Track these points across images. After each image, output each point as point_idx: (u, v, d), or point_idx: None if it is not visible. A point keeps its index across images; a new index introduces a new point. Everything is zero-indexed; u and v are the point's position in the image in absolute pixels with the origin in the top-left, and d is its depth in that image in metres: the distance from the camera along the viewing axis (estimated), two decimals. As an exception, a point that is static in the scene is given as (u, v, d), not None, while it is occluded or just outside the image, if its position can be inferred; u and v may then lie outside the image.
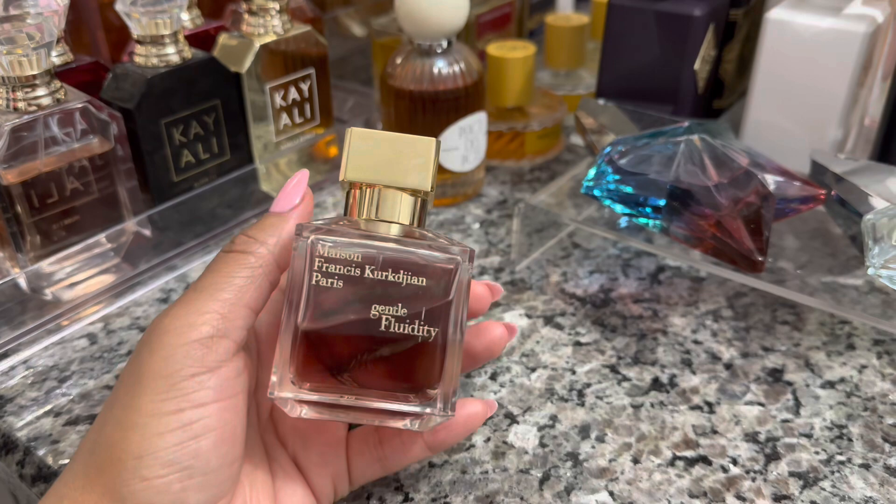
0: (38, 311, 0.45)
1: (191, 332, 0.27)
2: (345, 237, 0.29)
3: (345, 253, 0.29)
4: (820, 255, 0.48)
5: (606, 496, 0.34)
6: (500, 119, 0.61)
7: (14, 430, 0.39)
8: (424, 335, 0.29)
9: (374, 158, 0.31)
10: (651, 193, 0.44)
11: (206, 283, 0.29)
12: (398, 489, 0.35)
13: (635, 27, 0.54)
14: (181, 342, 0.27)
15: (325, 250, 0.29)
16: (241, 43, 0.53)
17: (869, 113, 0.53)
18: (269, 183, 0.57)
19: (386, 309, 0.29)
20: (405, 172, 0.31)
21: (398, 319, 0.29)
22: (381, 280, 0.29)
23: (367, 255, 0.29)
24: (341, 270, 0.29)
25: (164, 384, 0.26)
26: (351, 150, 0.31)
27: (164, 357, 0.27)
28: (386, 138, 0.31)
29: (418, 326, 0.29)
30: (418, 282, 0.29)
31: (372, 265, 0.29)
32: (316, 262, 0.29)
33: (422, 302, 0.29)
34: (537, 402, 0.40)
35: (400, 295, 0.29)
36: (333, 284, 0.29)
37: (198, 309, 0.28)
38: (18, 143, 0.42)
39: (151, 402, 0.26)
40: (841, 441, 0.37)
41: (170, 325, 0.27)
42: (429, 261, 0.29)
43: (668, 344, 0.43)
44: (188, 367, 0.27)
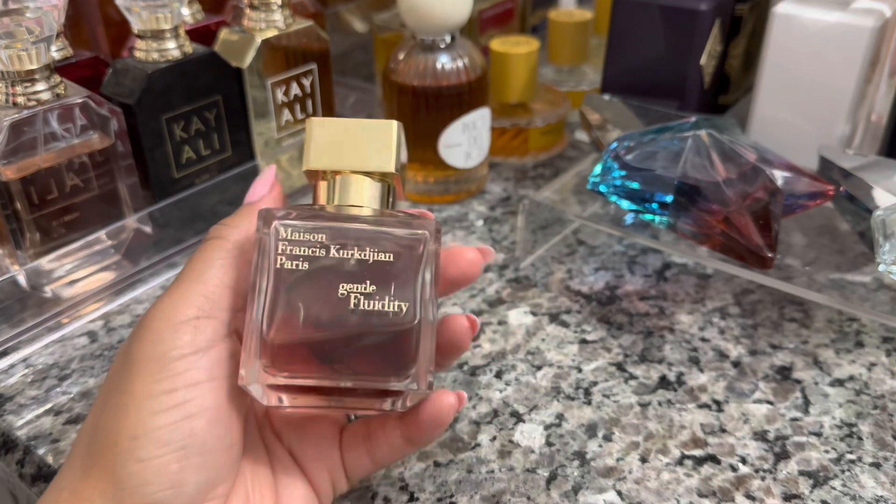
0: (38, 309, 0.44)
1: (177, 315, 0.27)
2: (307, 220, 0.29)
3: (308, 234, 0.29)
4: (828, 252, 0.48)
5: (614, 496, 0.34)
6: (504, 115, 0.61)
7: (14, 429, 0.38)
8: (395, 310, 0.28)
9: (336, 145, 0.31)
10: (658, 189, 0.43)
11: (187, 271, 0.29)
12: (403, 489, 0.35)
13: (641, 22, 0.54)
14: (169, 325, 0.27)
15: (287, 233, 0.29)
16: (242, 38, 0.52)
17: (876, 108, 0.52)
18: (270, 179, 0.56)
19: (354, 287, 0.28)
20: (367, 156, 0.31)
21: (367, 297, 0.28)
22: (346, 258, 0.29)
23: (331, 234, 0.29)
24: (305, 252, 0.29)
25: (155, 366, 0.27)
26: (313, 138, 0.31)
27: (153, 340, 0.27)
28: (346, 124, 0.31)
29: (388, 302, 0.28)
30: (386, 257, 0.29)
31: (336, 244, 0.29)
32: (279, 245, 0.29)
33: (391, 278, 0.29)
34: (543, 401, 0.39)
35: (368, 272, 0.29)
36: (298, 266, 0.28)
37: (182, 294, 0.28)
38: (18, 139, 0.42)
39: (143, 385, 0.26)
40: (851, 439, 0.37)
41: (157, 313, 0.28)
42: (395, 236, 0.29)
43: (675, 341, 0.43)
44: (178, 349, 0.27)
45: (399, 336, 0.28)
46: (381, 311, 0.28)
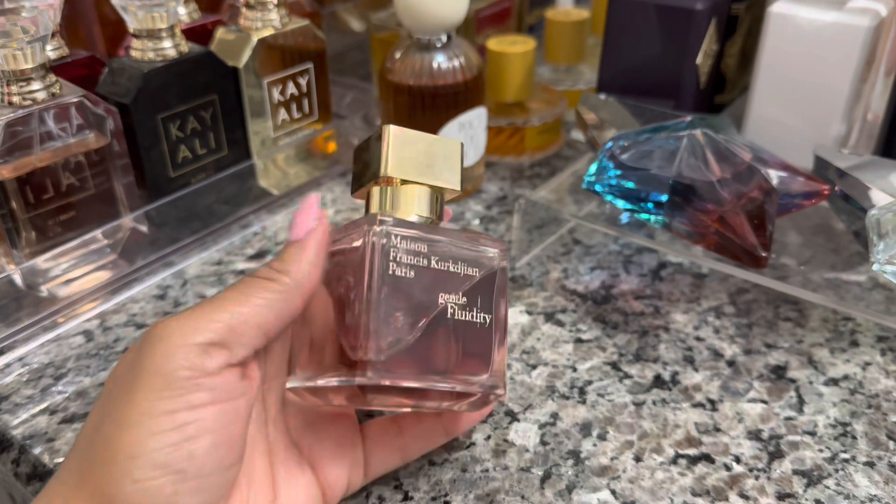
0: (34, 308, 0.45)
1: (194, 335, 0.27)
2: (413, 229, 0.31)
3: (414, 244, 0.30)
4: (823, 251, 0.48)
5: (608, 495, 0.34)
6: (500, 114, 0.61)
7: (9, 429, 0.38)
8: (481, 321, 0.31)
9: (410, 157, 0.33)
10: (653, 189, 0.43)
11: (222, 295, 0.29)
12: (397, 488, 0.35)
13: (637, 21, 0.54)
14: (182, 342, 0.27)
15: (397, 241, 0.30)
16: (238, 37, 0.52)
17: (872, 108, 0.52)
18: (266, 179, 0.56)
19: (450, 297, 0.31)
20: (439, 172, 0.33)
21: (460, 307, 0.31)
22: (443, 270, 0.31)
23: (431, 246, 0.31)
24: (412, 261, 0.30)
25: (160, 382, 0.26)
26: (391, 146, 0.32)
27: (164, 354, 0.26)
28: (420, 138, 0.33)
29: (476, 313, 0.31)
30: (472, 272, 0.31)
31: (436, 256, 0.31)
32: (392, 252, 0.30)
33: (476, 291, 0.31)
34: (538, 400, 0.39)
35: (459, 284, 0.31)
36: (406, 274, 0.30)
37: (206, 315, 0.28)
38: (13, 138, 0.42)
39: (147, 400, 0.26)
40: (845, 439, 0.37)
41: (175, 325, 0.27)
42: (479, 253, 0.32)
43: (669, 341, 0.43)
44: (187, 369, 0.26)
45: (485, 344, 0.31)
46: (471, 322, 0.31)
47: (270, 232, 0.54)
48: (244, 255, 0.51)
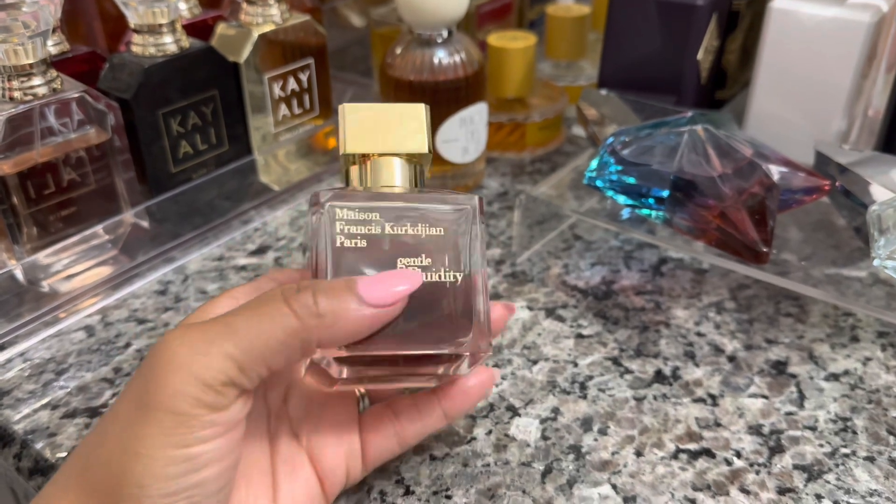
0: (35, 304, 0.45)
1: (206, 372, 0.26)
2: (360, 200, 0.30)
3: (363, 214, 0.30)
4: (824, 247, 0.48)
5: (609, 489, 0.34)
6: (501, 110, 0.61)
7: (11, 423, 0.38)
8: (451, 280, 0.30)
9: (369, 129, 0.32)
10: (654, 184, 0.43)
11: (241, 323, 0.26)
12: (399, 482, 0.35)
13: (638, 17, 0.54)
14: (194, 384, 0.25)
15: (343, 213, 0.30)
16: (239, 32, 0.52)
17: (873, 104, 0.52)
18: (267, 174, 0.56)
19: (411, 261, 0.30)
20: (401, 138, 0.32)
21: (424, 269, 0.30)
22: (401, 234, 0.30)
23: (384, 212, 0.30)
24: (362, 230, 0.30)
25: (171, 421, 0.25)
26: (347, 124, 0.32)
27: (173, 394, 0.25)
28: (378, 109, 0.32)
29: (444, 273, 0.30)
30: (437, 231, 0.30)
31: (390, 221, 0.30)
32: (337, 225, 0.30)
33: (444, 250, 0.30)
34: (539, 395, 0.39)
35: (422, 246, 0.30)
36: (357, 244, 0.30)
37: (218, 350, 0.26)
38: (14, 133, 0.42)
39: (157, 436, 0.25)
40: (845, 434, 0.37)
41: (184, 358, 0.26)
42: (443, 210, 0.31)
43: (670, 336, 0.43)
44: (197, 409, 0.26)
45: (457, 303, 0.30)
46: (439, 282, 0.30)
47: (272, 227, 0.54)
48: (245, 250, 0.51)
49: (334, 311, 0.27)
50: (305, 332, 0.26)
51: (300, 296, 0.27)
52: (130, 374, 0.41)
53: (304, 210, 0.56)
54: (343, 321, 0.27)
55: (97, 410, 0.39)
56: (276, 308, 0.26)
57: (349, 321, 0.27)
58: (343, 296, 0.27)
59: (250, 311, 0.27)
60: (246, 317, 0.27)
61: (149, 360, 0.27)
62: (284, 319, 0.26)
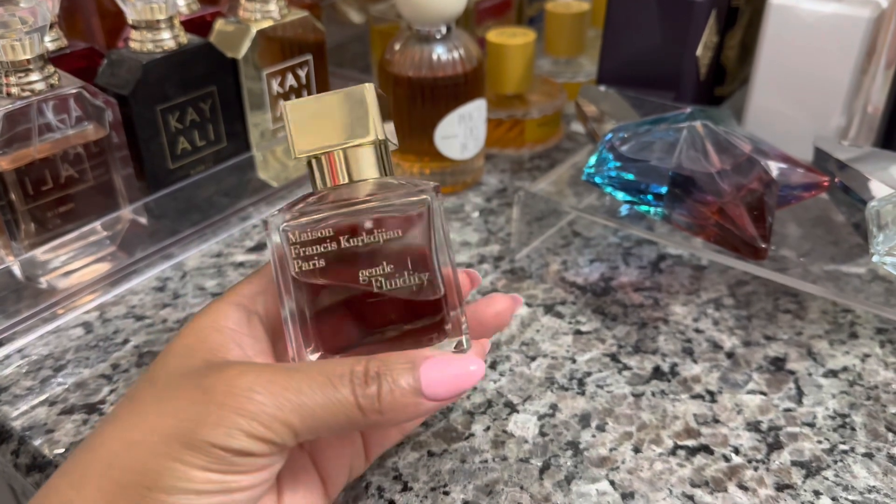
0: (33, 300, 0.45)
1: (263, 432, 0.26)
2: (310, 215, 0.29)
3: (316, 232, 0.29)
4: (823, 243, 0.48)
5: (607, 485, 0.34)
6: (500, 106, 0.61)
7: (9, 420, 0.38)
8: (417, 282, 0.29)
9: (316, 125, 0.30)
10: (653, 180, 0.43)
11: (309, 396, 0.26)
12: (397, 478, 0.35)
13: (637, 13, 0.54)
14: (249, 431, 0.25)
15: (296, 236, 0.29)
16: (237, 28, 0.52)
17: (872, 100, 0.52)
18: (266, 171, 0.56)
19: (372, 271, 0.29)
20: (350, 128, 0.30)
21: (387, 277, 0.29)
22: (359, 245, 0.29)
23: (338, 226, 0.29)
24: (318, 249, 0.29)
25: (217, 455, 0.25)
26: (292, 124, 0.30)
27: (227, 434, 0.25)
28: (320, 101, 0.30)
29: (408, 277, 0.29)
30: (394, 234, 0.29)
31: (345, 234, 0.29)
32: (292, 250, 0.29)
33: (405, 252, 0.29)
34: (537, 391, 0.39)
35: (382, 253, 0.29)
36: (315, 265, 0.29)
37: (283, 416, 0.26)
38: (12, 129, 0.41)
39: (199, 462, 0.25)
40: (844, 430, 0.37)
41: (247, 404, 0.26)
42: (399, 212, 0.29)
43: (669, 332, 0.43)
44: (244, 455, 0.26)
45: (430, 305, 0.29)
46: (404, 287, 0.29)
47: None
48: (243, 247, 0.51)
49: (396, 408, 0.27)
50: (365, 422, 0.27)
51: (368, 390, 0.27)
52: (129, 371, 0.41)
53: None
54: (402, 416, 0.27)
55: (95, 407, 0.39)
56: (345, 398, 0.27)
57: (407, 415, 0.27)
58: (408, 397, 0.27)
59: (320, 387, 0.27)
60: (315, 391, 0.26)
61: (210, 378, 0.27)
62: (350, 410, 0.27)
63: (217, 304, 0.30)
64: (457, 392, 0.27)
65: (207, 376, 0.27)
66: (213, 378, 0.27)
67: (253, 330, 0.30)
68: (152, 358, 0.42)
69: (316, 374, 0.27)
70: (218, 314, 0.30)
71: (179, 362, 0.28)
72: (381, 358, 0.27)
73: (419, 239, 0.29)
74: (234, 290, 0.31)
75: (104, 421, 0.28)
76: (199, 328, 0.30)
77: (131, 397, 0.28)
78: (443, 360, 0.27)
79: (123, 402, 0.28)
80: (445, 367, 0.27)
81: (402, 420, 0.28)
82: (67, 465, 0.27)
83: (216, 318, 0.30)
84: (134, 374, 0.41)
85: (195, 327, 0.30)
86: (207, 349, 0.29)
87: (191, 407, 0.26)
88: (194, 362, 0.28)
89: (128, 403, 0.28)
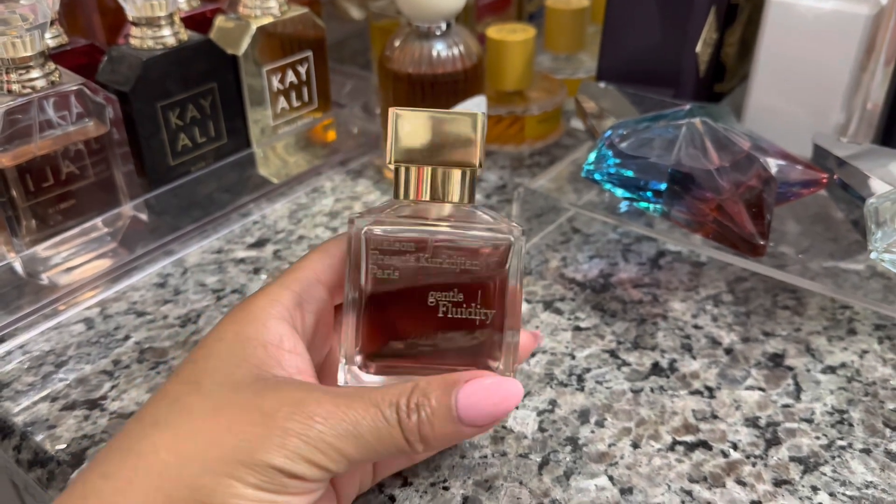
0: (35, 296, 0.45)
1: (317, 458, 0.26)
2: (397, 225, 0.29)
3: (398, 244, 0.29)
4: (821, 240, 0.48)
5: (606, 481, 0.34)
6: (500, 103, 0.61)
7: (11, 415, 0.38)
8: (481, 317, 0.30)
9: (418, 138, 0.31)
10: (652, 177, 0.43)
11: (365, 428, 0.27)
12: (397, 474, 0.35)
13: (636, 9, 0.54)
14: (305, 454, 0.26)
15: (379, 242, 0.29)
16: (237, 25, 0.52)
17: (871, 97, 0.52)
18: (266, 167, 0.56)
19: (443, 296, 0.29)
20: (451, 150, 0.31)
21: (455, 304, 0.29)
22: (435, 266, 0.29)
23: (421, 242, 0.29)
24: (396, 262, 0.29)
25: (269, 476, 0.26)
26: (397, 131, 0.31)
27: (285, 456, 0.26)
28: (430, 116, 0.31)
29: (475, 310, 0.30)
30: (472, 265, 0.30)
31: (425, 252, 0.29)
32: (371, 255, 0.29)
33: (478, 285, 0.30)
34: (536, 387, 0.39)
35: (455, 279, 0.29)
36: (390, 276, 0.29)
37: (338, 446, 0.26)
38: (13, 126, 0.42)
39: (251, 481, 0.26)
40: (842, 426, 0.37)
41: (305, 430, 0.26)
42: (481, 243, 0.30)
43: (668, 329, 0.43)
44: (294, 478, 0.26)
45: (487, 342, 0.30)
46: (468, 319, 0.30)
47: (270, 220, 0.54)
48: (244, 243, 0.51)
49: (437, 437, 0.28)
50: (412, 450, 0.28)
51: (410, 423, 0.27)
52: (130, 367, 0.41)
53: (303, 203, 0.56)
54: (445, 443, 0.28)
55: (96, 402, 0.39)
56: (394, 429, 0.27)
57: (450, 441, 0.28)
58: (447, 424, 0.27)
59: (373, 417, 0.27)
60: (368, 421, 0.27)
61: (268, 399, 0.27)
62: (398, 441, 0.27)
63: (257, 314, 0.30)
64: (494, 417, 0.28)
65: (265, 396, 0.27)
66: (272, 399, 0.27)
67: (296, 345, 0.30)
68: (153, 354, 0.42)
69: (369, 406, 0.27)
70: (259, 326, 0.29)
71: (227, 370, 0.28)
72: (422, 385, 0.28)
73: (494, 277, 0.30)
74: (273, 297, 0.30)
75: (147, 422, 0.27)
76: (243, 338, 0.29)
77: (174, 399, 0.28)
78: (480, 387, 0.28)
79: (165, 404, 0.28)
80: (483, 393, 0.28)
81: (449, 445, 0.29)
82: (109, 467, 0.26)
83: (258, 329, 0.29)
84: (135, 370, 0.41)
85: (238, 335, 0.29)
86: (254, 364, 0.28)
87: (251, 428, 0.26)
88: (243, 374, 0.28)
89: (172, 407, 0.28)
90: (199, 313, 0.45)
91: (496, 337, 0.30)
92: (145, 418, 0.28)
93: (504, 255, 0.30)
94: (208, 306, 0.46)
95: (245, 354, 0.29)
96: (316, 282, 0.31)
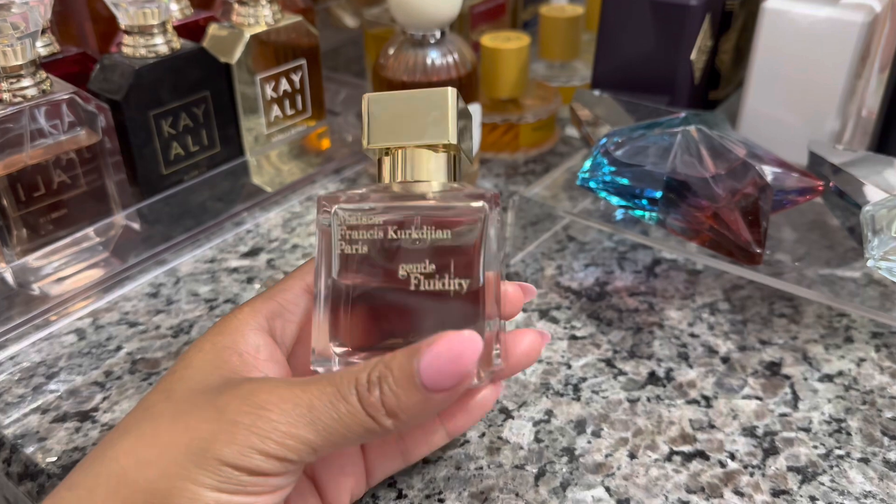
0: (26, 307, 0.44)
1: (278, 450, 0.25)
2: (365, 202, 0.29)
3: (366, 218, 0.29)
4: (818, 248, 0.48)
5: (602, 492, 0.34)
6: (495, 111, 0.61)
7: (1, 428, 0.38)
8: (456, 288, 0.28)
9: (392, 120, 0.30)
10: (647, 185, 0.43)
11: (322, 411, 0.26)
12: (391, 486, 0.34)
13: (631, 17, 0.54)
14: (263, 449, 0.25)
15: (346, 218, 0.29)
16: (231, 33, 0.52)
17: (867, 104, 0.52)
18: (260, 176, 0.56)
19: (413, 267, 0.29)
20: (425, 128, 0.30)
21: (427, 276, 0.28)
22: (405, 239, 0.29)
23: (389, 217, 0.29)
24: (364, 235, 0.29)
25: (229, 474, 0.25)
26: (370, 116, 0.30)
27: (239, 454, 0.25)
28: (401, 97, 0.30)
29: (449, 280, 0.28)
30: (444, 235, 0.29)
31: (394, 225, 0.29)
32: (339, 231, 0.29)
33: (450, 255, 0.29)
34: (532, 397, 0.39)
35: (427, 251, 0.29)
36: (358, 250, 0.29)
37: (297, 433, 0.26)
38: (4, 135, 0.41)
39: (210, 482, 0.25)
40: (839, 435, 0.37)
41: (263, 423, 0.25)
42: (452, 212, 0.29)
43: (664, 337, 0.43)
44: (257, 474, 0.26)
45: (465, 313, 0.28)
46: (442, 291, 0.28)
47: (264, 229, 0.54)
48: (237, 252, 0.51)
49: (403, 409, 0.26)
50: (381, 429, 0.26)
51: (371, 398, 0.26)
52: (122, 378, 0.41)
53: (297, 211, 0.56)
54: (414, 415, 0.26)
55: (88, 414, 0.38)
56: (354, 407, 0.26)
57: (419, 413, 0.27)
58: (412, 393, 0.26)
59: (330, 399, 0.26)
60: (326, 403, 0.26)
61: (225, 395, 0.26)
62: (362, 420, 0.26)
63: (236, 325, 0.30)
64: (456, 373, 0.26)
65: (223, 393, 0.27)
66: (228, 395, 0.26)
67: (272, 354, 0.30)
68: (145, 364, 0.42)
69: (326, 386, 0.26)
70: (237, 336, 0.29)
71: (199, 378, 0.28)
72: (386, 359, 0.27)
73: (468, 244, 0.29)
74: (253, 308, 0.30)
75: (117, 431, 0.27)
76: (220, 348, 0.29)
77: (146, 408, 0.28)
78: (440, 347, 0.26)
79: (137, 413, 0.28)
80: (443, 352, 0.26)
81: (420, 420, 0.27)
82: (75, 477, 0.26)
83: (235, 339, 0.29)
84: (127, 381, 0.40)
85: (216, 345, 0.29)
86: (228, 370, 0.28)
87: (203, 425, 0.26)
88: (213, 379, 0.28)
89: (142, 415, 0.27)
90: (191, 323, 0.45)
91: (473, 310, 0.28)
92: (118, 429, 0.28)
93: (477, 226, 0.29)
94: (201, 316, 0.45)
95: (219, 363, 0.28)
96: (303, 292, 0.31)
